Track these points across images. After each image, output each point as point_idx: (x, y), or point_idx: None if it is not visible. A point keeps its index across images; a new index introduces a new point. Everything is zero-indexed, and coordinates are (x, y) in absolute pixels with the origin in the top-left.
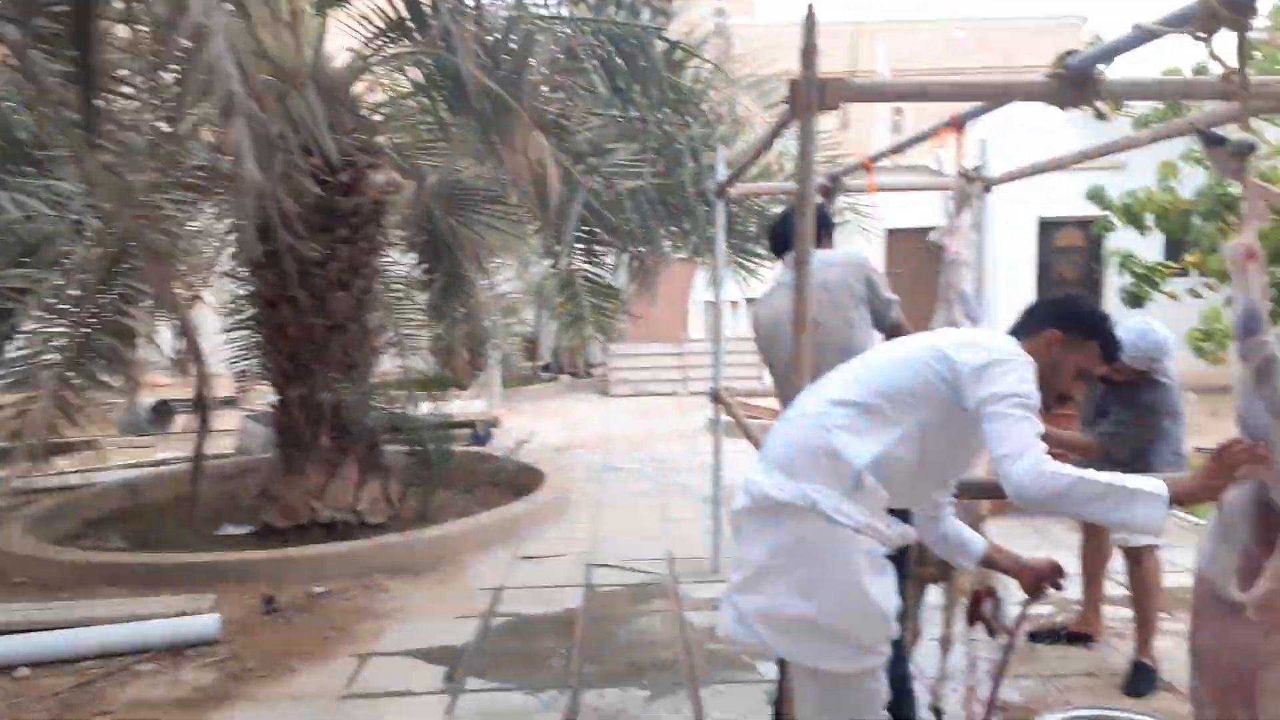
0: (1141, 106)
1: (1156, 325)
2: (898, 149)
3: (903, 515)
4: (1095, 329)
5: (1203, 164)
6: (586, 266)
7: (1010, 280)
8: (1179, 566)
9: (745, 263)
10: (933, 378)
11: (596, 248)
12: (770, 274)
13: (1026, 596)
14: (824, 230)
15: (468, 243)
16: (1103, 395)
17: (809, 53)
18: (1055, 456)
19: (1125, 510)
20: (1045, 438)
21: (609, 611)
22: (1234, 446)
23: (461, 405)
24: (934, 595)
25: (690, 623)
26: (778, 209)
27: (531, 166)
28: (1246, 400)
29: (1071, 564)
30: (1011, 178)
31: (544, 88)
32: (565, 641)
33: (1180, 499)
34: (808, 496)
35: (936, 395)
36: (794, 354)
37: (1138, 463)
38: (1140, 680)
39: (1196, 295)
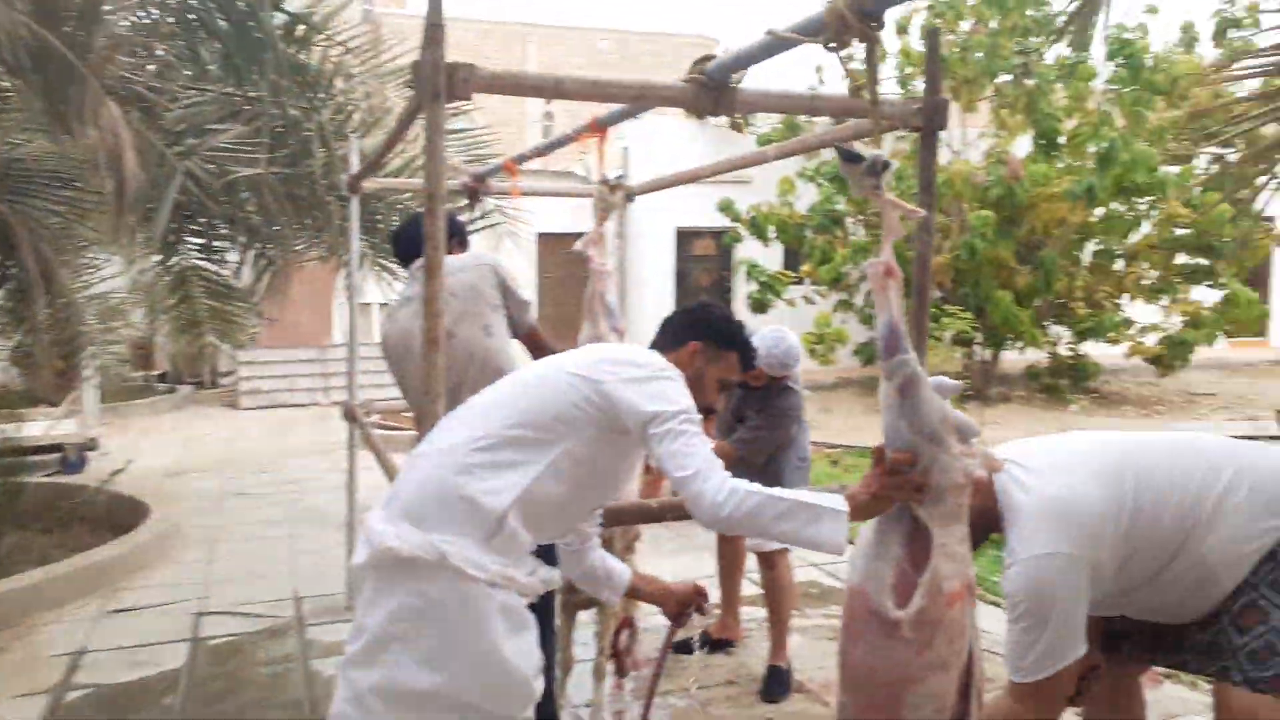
0: (765, 126)
1: (788, 332)
2: (541, 151)
3: (547, 550)
4: (733, 339)
5: (816, 180)
6: (203, 263)
7: (653, 288)
8: (805, 561)
9: (388, 263)
10: (579, 400)
11: (216, 243)
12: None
13: (671, 624)
14: (455, 237)
15: (45, 234)
16: (738, 402)
17: (434, 33)
18: None
19: (813, 529)
20: None
21: (220, 669)
22: (901, 464)
23: (48, 425)
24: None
25: (318, 673)
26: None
27: (105, 142)
28: (891, 417)
29: (710, 565)
30: (651, 188)
31: (126, 56)
32: (163, 712)
33: (856, 515)
34: (435, 549)
35: (583, 418)
36: (428, 374)
37: (769, 467)
38: (776, 684)
39: (810, 301)
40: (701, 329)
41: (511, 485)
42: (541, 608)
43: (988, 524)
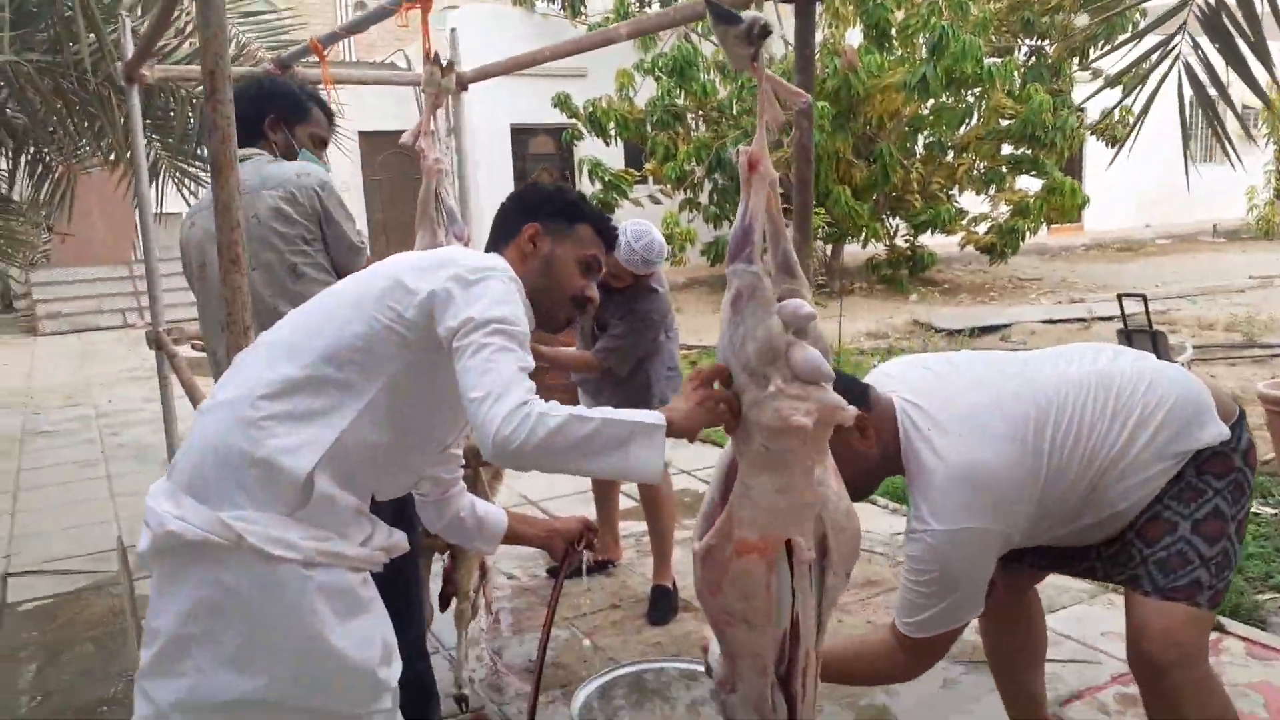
0: (597, 15)
1: (650, 225)
2: (353, 28)
3: (399, 506)
4: (575, 210)
5: (654, 74)
6: None
7: (490, 190)
8: (679, 469)
9: (187, 167)
10: (391, 321)
11: None
12: None
13: (560, 565)
14: (289, 114)
15: None
16: (599, 309)
17: None
18: (546, 390)
19: (619, 456)
20: (540, 359)
21: (34, 636)
22: (716, 376)
23: None
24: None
25: None
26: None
27: None
28: (722, 329)
29: (585, 481)
30: (484, 75)
31: None
32: None
33: (678, 428)
34: (229, 530)
35: (400, 341)
36: (229, 300)
37: (637, 377)
38: (662, 605)
39: (656, 201)
40: (534, 207)
41: (315, 440)
42: (402, 568)
43: (887, 468)
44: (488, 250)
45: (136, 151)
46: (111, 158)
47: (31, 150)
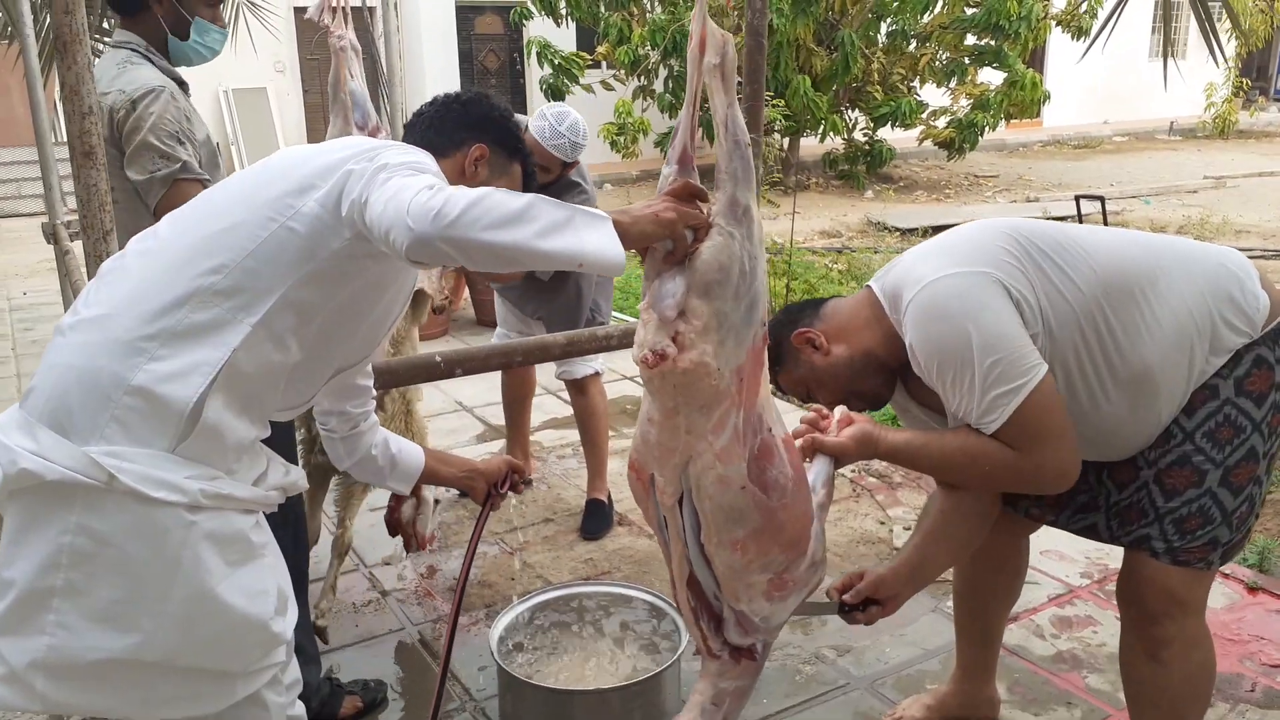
0: None
1: (570, 109)
2: None
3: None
4: (518, 146)
5: None
6: None
7: (434, 73)
8: (618, 374)
9: (97, 43)
10: (289, 218)
11: None
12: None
13: (483, 507)
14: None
15: None
16: None
17: None
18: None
19: (570, 234)
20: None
21: None
22: (690, 193)
23: None
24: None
25: None
26: None
27: None
28: None
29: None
30: None
31: None
32: None
33: (621, 229)
34: (98, 468)
35: (300, 244)
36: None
37: (567, 286)
38: (596, 519)
39: (609, 88)
40: (488, 128)
41: (203, 363)
42: (293, 506)
43: (871, 361)
44: (420, 145)
45: (20, 24)
46: (9, 31)
47: None
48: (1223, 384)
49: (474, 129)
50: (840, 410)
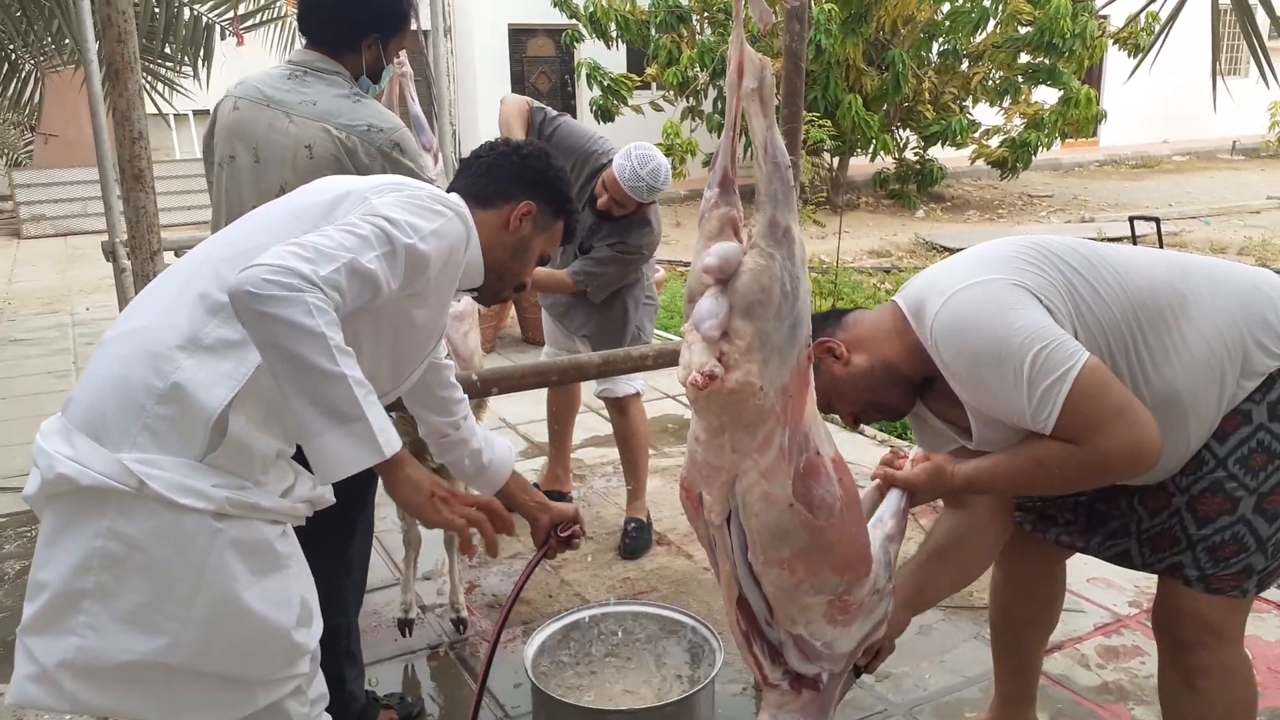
0: None
1: (656, 150)
2: None
3: None
4: (564, 204)
5: None
6: None
7: (485, 94)
8: (660, 392)
9: (157, 68)
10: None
11: None
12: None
13: (537, 549)
14: (390, 29)
15: None
16: (587, 232)
17: None
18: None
19: (322, 422)
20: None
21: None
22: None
23: None
24: None
25: None
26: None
27: None
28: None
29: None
30: None
31: None
32: None
33: (399, 477)
34: (130, 475)
35: None
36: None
37: (614, 306)
38: (634, 539)
39: (658, 108)
40: (540, 186)
41: (227, 376)
42: (341, 518)
43: (892, 371)
44: (464, 194)
45: (85, 49)
46: (76, 56)
47: None
48: (1255, 409)
49: (527, 185)
50: (917, 450)
